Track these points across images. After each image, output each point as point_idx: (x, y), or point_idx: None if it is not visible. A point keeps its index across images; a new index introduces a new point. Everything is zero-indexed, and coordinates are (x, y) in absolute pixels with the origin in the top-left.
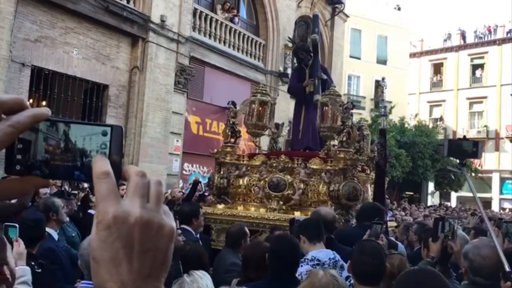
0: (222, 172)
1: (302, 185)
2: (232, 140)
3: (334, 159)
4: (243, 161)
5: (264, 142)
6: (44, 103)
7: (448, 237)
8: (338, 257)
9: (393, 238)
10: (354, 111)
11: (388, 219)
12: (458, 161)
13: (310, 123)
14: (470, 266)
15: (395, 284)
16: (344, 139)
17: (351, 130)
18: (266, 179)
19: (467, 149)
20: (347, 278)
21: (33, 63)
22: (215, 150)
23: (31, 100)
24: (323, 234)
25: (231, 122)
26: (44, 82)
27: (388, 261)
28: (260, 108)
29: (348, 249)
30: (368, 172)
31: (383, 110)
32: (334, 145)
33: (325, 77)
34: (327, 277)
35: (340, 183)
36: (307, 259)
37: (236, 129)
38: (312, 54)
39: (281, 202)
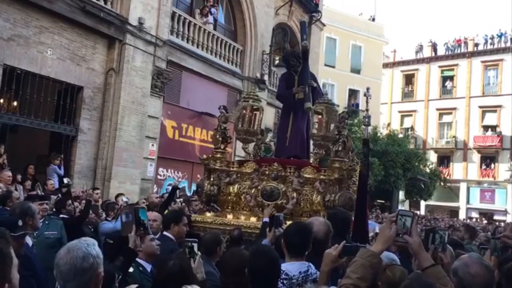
0: (212, 179)
1: (294, 194)
2: (222, 146)
3: (328, 168)
4: (233, 167)
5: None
6: (15, 103)
7: (438, 249)
8: (312, 269)
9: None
10: None
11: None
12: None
13: (298, 131)
14: (459, 283)
15: None
16: (340, 148)
17: (346, 140)
18: (259, 187)
19: None
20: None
21: (5, 62)
22: (204, 156)
23: (1, 100)
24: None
25: (222, 127)
26: (16, 81)
27: (389, 272)
28: (251, 114)
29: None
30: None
31: (366, 120)
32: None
33: (315, 84)
34: None
35: (336, 193)
36: None
37: (227, 135)
38: (301, 61)
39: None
